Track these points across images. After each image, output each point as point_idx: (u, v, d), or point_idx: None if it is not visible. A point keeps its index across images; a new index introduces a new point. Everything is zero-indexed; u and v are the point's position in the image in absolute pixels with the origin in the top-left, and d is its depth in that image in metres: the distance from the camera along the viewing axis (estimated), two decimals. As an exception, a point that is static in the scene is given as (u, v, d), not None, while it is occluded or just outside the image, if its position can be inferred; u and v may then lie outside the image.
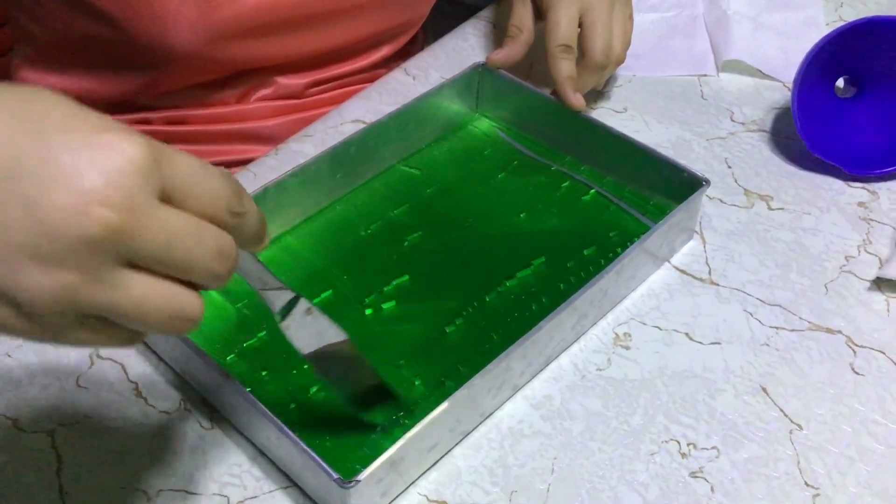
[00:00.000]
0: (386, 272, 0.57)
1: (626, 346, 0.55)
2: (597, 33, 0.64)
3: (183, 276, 0.33)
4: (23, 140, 0.30)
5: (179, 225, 0.32)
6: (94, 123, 0.31)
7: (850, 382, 0.53)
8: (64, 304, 0.31)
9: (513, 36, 0.68)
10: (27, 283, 0.30)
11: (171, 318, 0.33)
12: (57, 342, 0.33)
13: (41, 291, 0.30)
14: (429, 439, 0.47)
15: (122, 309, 0.32)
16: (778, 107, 0.72)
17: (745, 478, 0.49)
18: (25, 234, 0.30)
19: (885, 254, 0.61)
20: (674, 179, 0.60)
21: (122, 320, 0.32)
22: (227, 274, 0.35)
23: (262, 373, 0.52)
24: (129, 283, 0.32)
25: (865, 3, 0.83)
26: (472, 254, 0.59)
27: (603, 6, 0.64)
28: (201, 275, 0.34)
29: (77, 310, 0.31)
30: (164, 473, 0.48)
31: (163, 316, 0.33)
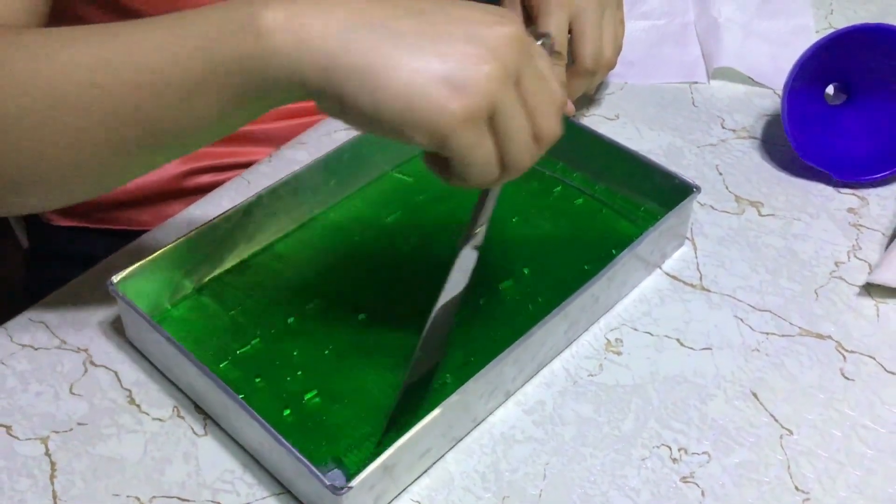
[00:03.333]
0: (379, 277, 0.58)
1: (617, 352, 0.55)
2: (586, 39, 0.64)
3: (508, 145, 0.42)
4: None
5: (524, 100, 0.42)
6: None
7: (840, 387, 0.54)
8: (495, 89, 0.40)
9: None
10: (482, 71, 0.40)
11: (493, 177, 0.43)
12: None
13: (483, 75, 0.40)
14: (421, 445, 0.47)
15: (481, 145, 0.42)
16: (768, 113, 0.72)
17: (735, 483, 0.49)
18: (470, 44, 0.40)
19: (874, 259, 0.61)
20: (665, 186, 0.60)
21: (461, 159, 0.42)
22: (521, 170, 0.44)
23: (255, 379, 0.52)
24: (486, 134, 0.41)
25: (856, 10, 0.84)
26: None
27: (593, 12, 0.64)
28: (515, 156, 0.43)
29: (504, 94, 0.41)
30: (157, 480, 0.48)
31: (483, 172, 0.42)
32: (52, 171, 0.46)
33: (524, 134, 0.42)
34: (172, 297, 0.55)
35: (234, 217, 0.56)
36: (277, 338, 0.54)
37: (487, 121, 0.41)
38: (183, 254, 0.54)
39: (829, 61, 0.67)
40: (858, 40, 0.65)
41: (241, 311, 0.55)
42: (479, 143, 0.41)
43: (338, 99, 0.41)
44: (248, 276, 0.58)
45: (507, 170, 0.43)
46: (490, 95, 0.40)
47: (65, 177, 0.46)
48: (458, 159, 0.41)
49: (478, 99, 0.40)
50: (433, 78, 0.39)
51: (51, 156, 0.45)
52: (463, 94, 0.39)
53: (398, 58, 0.40)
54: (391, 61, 0.40)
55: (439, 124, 0.40)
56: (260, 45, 0.41)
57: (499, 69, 0.40)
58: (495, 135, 0.41)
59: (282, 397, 0.51)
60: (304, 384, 0.52)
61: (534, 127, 0.42)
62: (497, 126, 0.41)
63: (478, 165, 0.42)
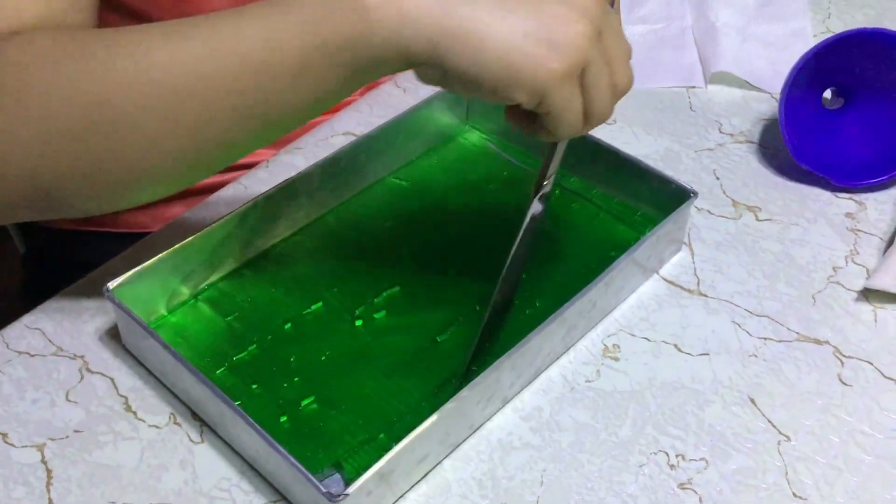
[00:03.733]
0: (376, 283, 0.58)
1: (614, 358, 0.55)
2: None
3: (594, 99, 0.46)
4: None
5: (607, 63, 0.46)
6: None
7: (837, 393, 0.54)
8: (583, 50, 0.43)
9: None
10: (575, 29, 0.43)
11: (578, 128, 0.46)
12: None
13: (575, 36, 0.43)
14: (418, 451, 0.47)
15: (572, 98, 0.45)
16: (766, 118, 0.72)
17: (733, 489, 0.49)
18: (561, 5, 0.43)
19: (872, 264, 0.61)
20: (662, 191, 0.60)
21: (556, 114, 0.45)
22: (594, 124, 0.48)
23: (252, 386, 0.52)
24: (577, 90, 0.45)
25: (853, 14, 0.84)
26: (462, 264, 0.59)
27: None
28: (599, 108, 0.46)
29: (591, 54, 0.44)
30: (153, 487, 0.48)
31: (573, 125, 0.46)
32: (165, 163, 0.47)
33: (607, 86, 0.46)
34: (169, 303, 0.55)
35: (230, 223, 0.56)
36: (274, 344, 0.54)
37: (579, 77, 0.44)
38: (179, 260, 0.54)
39: (826, 65, 0.67)
40: (856, 44, 0.65)
41: (237, 317, 0.55)
42: (573, 98, 0.45)
43: (441, 66, 0.44)
44: (245, 283, 0.57)
45: (590, 121, 0.46)
46: (582, 52, 0.43)
47: (176, 167, 0.48)
48: (553, 114, 0.45)
49: (573, 56, 0.43)
50: (531, 39, 0.42)
51: (165, 148, 0.46)
52: (560, 52, 0.43)
53: (497, 22, 0.43)
54: (491, 26, 0.42)
55: (539, 82, 0.43)
56: (365, 22, 0.43)
57: (588, 27, 0.43)
58: (584, 90, 0.45)
59: (278, 404, 0.51)
60: (301, 390, 0.52)
61: (614, 79, 0.46)
62: (586, 80, 0.45)
63: (570, 119, 0.45)
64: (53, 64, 0.45)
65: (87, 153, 0.46)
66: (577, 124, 0.46)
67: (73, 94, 0.44)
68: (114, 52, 0.45)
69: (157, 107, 0.45)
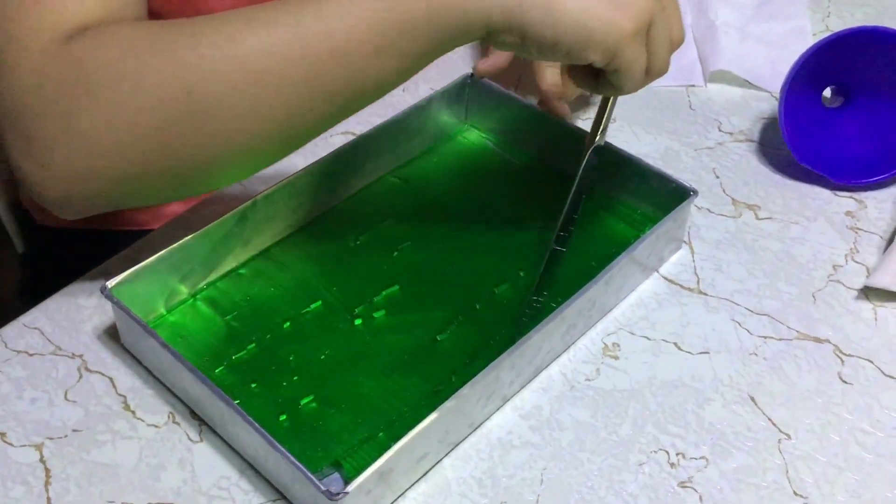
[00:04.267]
0: (376, 282, 0.58)
1: (614, 356, 0.55)
2: None
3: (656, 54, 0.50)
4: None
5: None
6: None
7: (837, 391, 0.54)
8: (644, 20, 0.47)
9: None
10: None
11: (640, 83, 0.50)
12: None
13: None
14: (418, 450, 0.47)
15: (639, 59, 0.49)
16: (765, 117, 0.72)
17: (733, 487, 0.49)
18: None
19: (872, 262, 0.61)
20: (662, 189, 0.60)
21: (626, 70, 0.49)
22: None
23: (251, 385, 0.52)
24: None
25: (853, 13, 0.83)
26: (461, 263, 0.59)
27: None
28: (659, 62, 0.50)
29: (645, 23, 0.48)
30: (152, 487, 0.48)
31: (638, 80, 0.50)
32: (253, 145, 0.49)
33: (667, 41, 0.50)
34: (168, 302, 0.55)
35: (229, 222, 0.56)
36: (273, 343, 0.54)
37: (645, 34, 0.48)
38: (178, 259, 0.54)
39: (826, 64, 0.66)
40: (855, 43, 0.65)
41: (236, 316, 0.55)
42: (641, 54, 0.48)
43: (520, 33, 0.46)
44: (244, 282, 0.57)
45: (650, 74, 0.50)
46: (649, 10, 0.47)
47: (263, 147, 0.49)
48: (622, 70, 0.48)
49: (641, 14, 0.47)
50: (603, 1, 0.46)
51: (254, 132, 0.48)
52: (629, 12, 0.46)
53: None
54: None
55: (612, 41, 0.46)
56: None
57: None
58: (649, 45, 0.49)
59: (278, 403, 0.51)
60: (301, 389, 0.51)
61: (671, 33, 0.50)
62: (650, 36, 0.48)
63: (636, 74, 0.49)
64: (138, 57, 0.46)
65: (178, 141, 0.47)
66: (641, 78, 0.49)
67: (163, 85, 0.46)
68: (199, 42, 0.46)
69: (247, 92, 0.46)
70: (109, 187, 0.49)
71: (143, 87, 0.46)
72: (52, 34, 0.47)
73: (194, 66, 0.45)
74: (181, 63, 0.45)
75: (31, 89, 0.47)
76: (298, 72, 0.46)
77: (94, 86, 0.46)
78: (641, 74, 0.49)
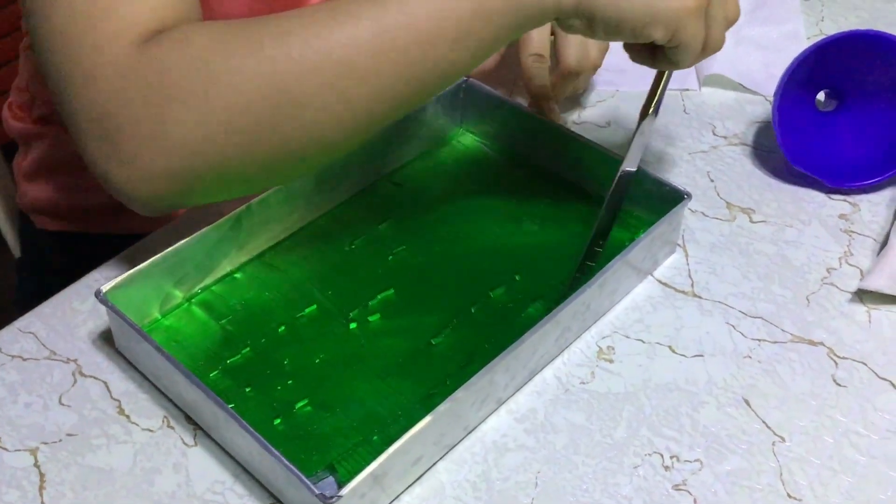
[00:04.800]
0: (371, 286, 0.58)
1: (609, 360, 0.55)
2: (569, 41, 0.64)
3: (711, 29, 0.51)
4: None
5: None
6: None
7: (832, 394, 0.54)
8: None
9: None
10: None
11: (697, 58, 0.52)
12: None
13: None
14: (412, 453, 0.47)
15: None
16: (759, 120, 0.72)
17: (727, 490, 0.49)
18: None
19: (866, 265, 0.61)
20: (656, 193, 0.60)
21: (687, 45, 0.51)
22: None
23: (246, 389, 0.52)
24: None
25: (846, 17, 0.84)
26: (456, 267, 0.59)
27: None
28: (715, 39, 0.53)
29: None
30: (146, 491, 0.48)
31: (696, 55, 0.52)
32: (342, 135, 0.50)
33: (723, 18, 0.51)
34: (162, 306, 0.55)
35: (224, 226, 0.56)
36: (268, 347, 0.54)
37: (705, 10, 0.50)
38: (173, 263, 0.54)
39: (819, 68, 0.67)
40: (849, 47, 0.66)
41: (231, 320, 0.55)
42: (700, 29, 0.50)
43: (589, 15, 0.49)
44: (239, 286, 0.57)
45: (706, 50, 0.52)
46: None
47: (351, 136, 0.51)
48: (682, 46, 0.50)
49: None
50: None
51: (343, 123, 0.50)
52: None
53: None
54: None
55: (676, 18, 0.48)
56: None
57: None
58: (706, 21, 0.50)
59: (272, 406, 0.51)
60: (295, 393, 0.51)
61: (726, 10, 0.52)
62: (709, 13, 0.50)
63: (695, 49, 0.51)
64: (226, 58, 0.47)
65: (269, 136, 0.48)
66: (697, 54, 0.51)
67: (254, 83, 0.47)
68: (287, 40, 0.47)
69: (336, 84, 0.48)
70: (201, 184, 0.50)
71: (234, 86, 0.47)
72: (129, 39, 0.48)
73: (284, 62, 0.47)
74: (270, 61, 0.47)
75: (114, 95, 0.47)
76: (384, 63, 0.48)
77: (183, 89, 0.47)
78: (698, 50, 0.51)
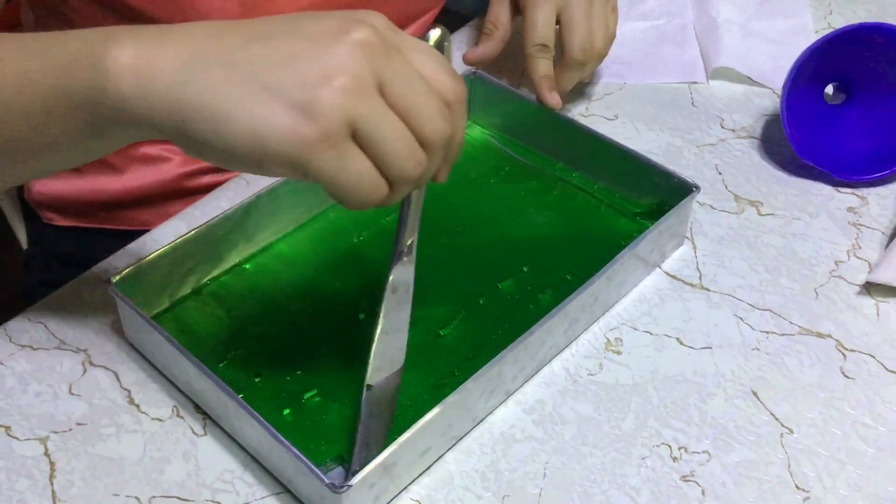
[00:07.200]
0: (379, 278, 0.58)
1: (617, 351, 0.55)
2: (574, 30, 0.64)
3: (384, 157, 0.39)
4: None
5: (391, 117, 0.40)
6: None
7: (840, 386, 0.54)
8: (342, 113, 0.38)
9: (488, 33, 0.68)
10: (330, 88, 0.38)
11: (365, 195, 0.40)
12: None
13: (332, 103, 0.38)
14: (421, 444, 0.47)
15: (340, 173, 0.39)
16: (767, 113, 0.72)
17: (736, 481, 0.49)
18: (316, 62, 0.38)
19: (874, 258, 0.61)
20: (664, 185, 0.60)
21: (330, 183, 0.39)
22: (417, 178, 0.41)
23: (255, 379, 0.52)
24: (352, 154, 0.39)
25: (854, 10, 0.84)
26: (465, 258, 0.59)
27: (580, 2, 0.64)
28: (395, 165, 0.40)
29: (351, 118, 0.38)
30: (156, 480, 0.48)
31: (360, 191, 0.39)
32: None
33: (399, 141, 0.39)
34: (172, 296, 0.55)
35: (233, 217, 0.56)
36: (277, 337, 0.54)
37: (350, 137, 0.38)
38: (182, 254, 0.54)
39: (828, 61, 0.67)
40: (857, 40, 0.65)
41: (240, 310, 0.55)
42: (343, 163, 0.39)
43: (186, 140, 0.40)
44: (248, 276, 0.57)
45: (395, 182, 0.40)
46: (343, 110, 0.38)
47: None
48: (326, 184, 0.39)
49: (327, 118, 0.37)
50: (278, 107, 0.38)
51: None
52: (312, 117, 0.37)
53: (237, 93, 0.38)
54: (230, 97, 0.38)
55: (294, 153, 0.38)
56: (104, 83, 0.40)
57: (349, 81, 0.38)
58: (367, 149, 0.39)
59: (281, 397, 0.51)
60: (304, 384, 0.52)
61: (413, 129, 0.40)
62: (365, 140, 0.39)
63: (351, 185, 0.39)
64: None
65: None
66: (371, 189, 0.40)
67: None
68: None
69: None
70: None
71: None
72: None
73: None
74: None
75: None
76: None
77: None
78: (368, 184, 0.39)
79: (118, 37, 0.40)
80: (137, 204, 0.71)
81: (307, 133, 0.37)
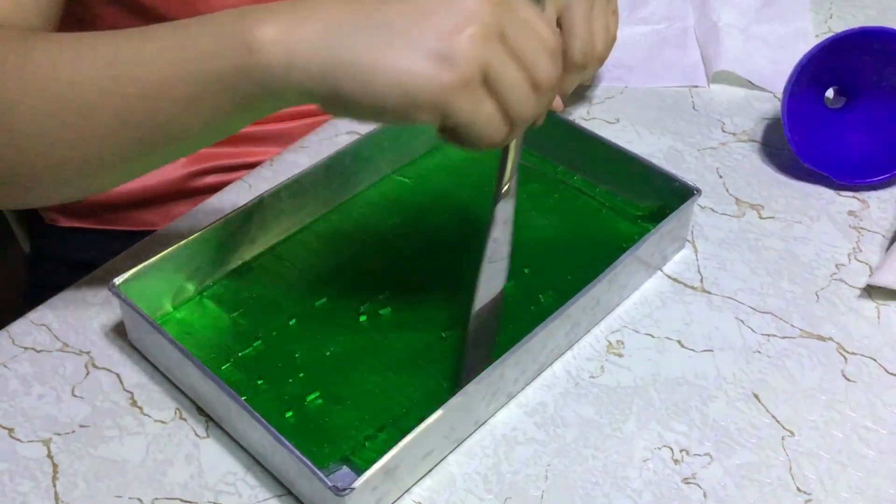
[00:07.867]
0: (381, 280, 0.58)
1: (618, 354, 0.55)
2: (575, 33, 0.64)
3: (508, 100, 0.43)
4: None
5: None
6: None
7: (841, 389, 0.54)
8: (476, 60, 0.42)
9: None
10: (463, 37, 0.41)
11: (495, 138, 0.44)
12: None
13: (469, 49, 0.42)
14: (423, 446, 0.47)
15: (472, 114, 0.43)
16: (768, 117, 0.73)
17: (737, 484, 0.49)
18: (448, 15, 0.42)
19: (875, 261, 0.61)
20: (666, 189, 0.60)
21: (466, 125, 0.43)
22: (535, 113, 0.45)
23: (257, 381, 0.52)
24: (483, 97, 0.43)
25: (855, 14, 0.84)
26: (467, 261, 0.59)
27: (581, 5, 0.64)
28: (516, 108, 0.44)
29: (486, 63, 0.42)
30: (159, 482, 0.48)
31: (489, 131, 0.43)
32: (58, 170, 0.48)
33: (521, 85, 0.43)
34: (174, 299, 0.56)
35: (235, 220, 0.56)
36: (279, 340, 0.54)
37: (482, 82, 0.42)
38: (185, 256, 0.54)
39: (828, 64, 0.67)
40: (858, 44, 0.66)
41: (242, 313, 0.56)
42: (478, 106, 0.43)
43: (337, 100, 0.43)
44: (250, 279, 0.58)
45: (515, 123, 0.44)
46: (477, 58, 0.41)
47: (69, 175, 0.48)
48: (462, 126, 0.43)
49: (465, 64, 0.41)
50: (419, 57, 0.41)
51: (58, 156, 0.47)
52: (450, 65, 0.41)
53: (382, 48, 0.42)
54: (376, 53, 0.41)
55: (436, 99, 0.41)
56: (254, 59, 0.43)
57: (479, 30, 0.42)
58: (494, 93, 0.43)
59: (284, 399, 0.51)
60: (307, 386, 0.52)
61: (530, 75, 0.44)
62: (493, 84, 0.43)
63: (483, 126, 0.43)
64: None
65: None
66: (496, 131, 0.44)
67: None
68: (26, 62, 0.46)
69: (59, 117, 0.45)
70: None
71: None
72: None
73: (17, 84, 0.45)
74: (6, 79, 0.45)
75: None
76: (109, 108, 0.45)
77: None
78: (495, 126, 0.44)
79: (255, 15, 0.43)
80: (141, 204, 0.71)
81: (448, 79, 0.41)
